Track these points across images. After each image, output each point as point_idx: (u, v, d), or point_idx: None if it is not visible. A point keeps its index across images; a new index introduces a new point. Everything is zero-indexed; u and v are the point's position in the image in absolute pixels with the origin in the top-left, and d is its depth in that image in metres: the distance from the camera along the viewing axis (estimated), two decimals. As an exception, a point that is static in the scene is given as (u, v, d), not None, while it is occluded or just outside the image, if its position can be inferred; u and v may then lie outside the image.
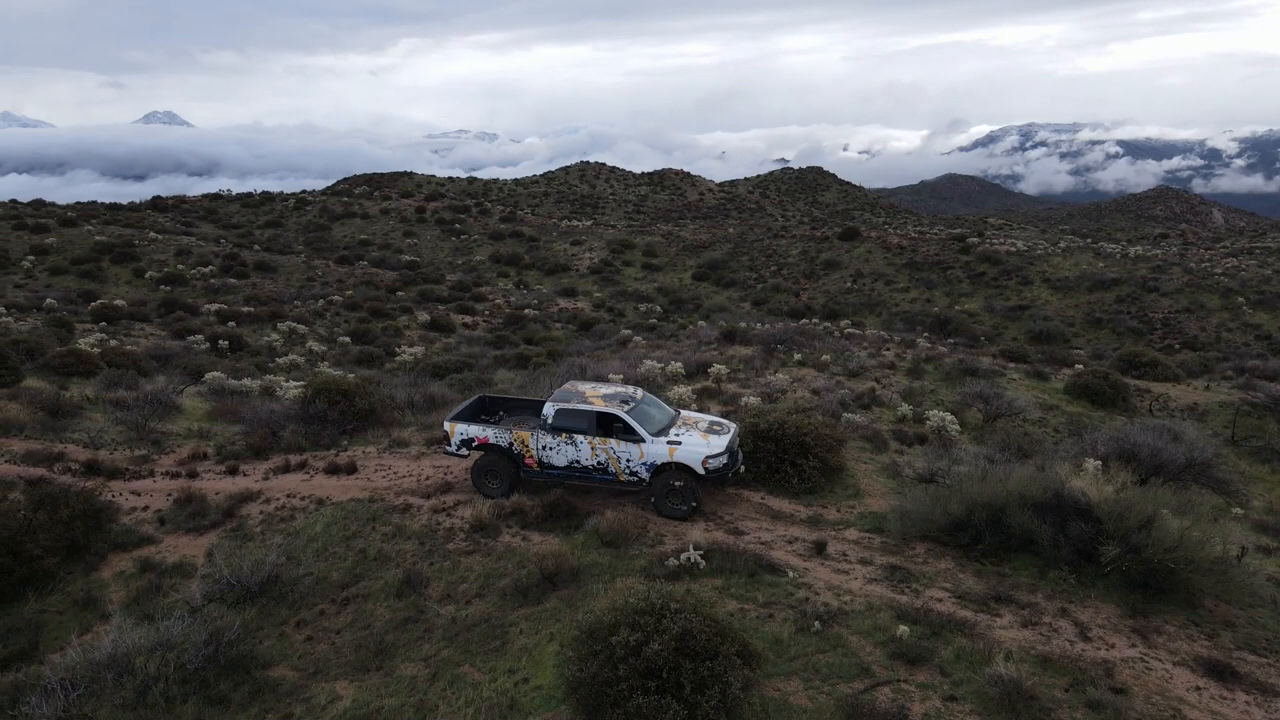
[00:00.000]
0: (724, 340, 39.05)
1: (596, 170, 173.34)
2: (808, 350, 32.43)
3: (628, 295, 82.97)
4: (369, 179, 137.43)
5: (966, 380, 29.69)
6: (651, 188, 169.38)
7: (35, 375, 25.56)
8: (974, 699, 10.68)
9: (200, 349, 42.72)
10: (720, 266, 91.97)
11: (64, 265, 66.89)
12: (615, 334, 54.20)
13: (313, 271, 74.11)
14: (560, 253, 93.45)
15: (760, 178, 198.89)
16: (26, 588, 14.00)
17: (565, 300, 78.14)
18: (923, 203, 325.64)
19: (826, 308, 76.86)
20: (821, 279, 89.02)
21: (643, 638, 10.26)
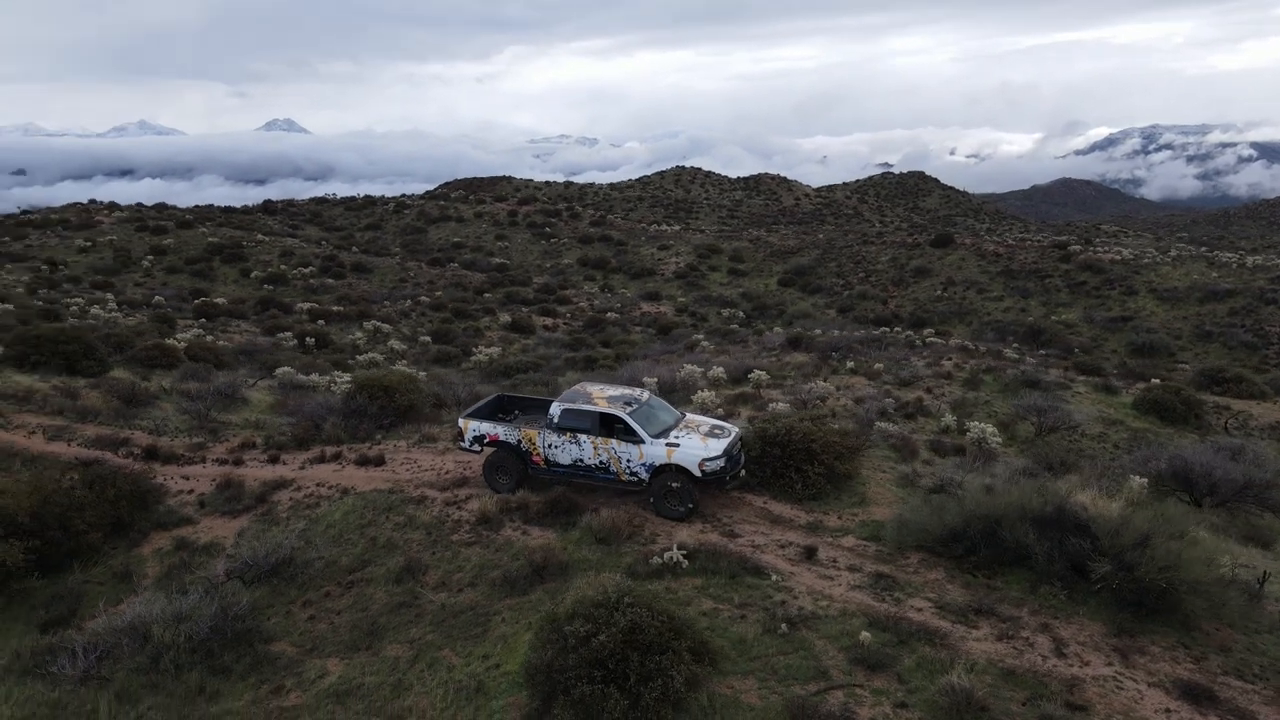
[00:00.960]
0: (788, 347, 38.99)
1: (691, 175, 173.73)
2: (862, 359, 32.13)
3: (712, 300, 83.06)
4: (467, 183, 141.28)
5: (1024, 393, 28.94)
6: (746, 192, 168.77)
7: (122, 366, 27.61)
8: (924, 707, 10.73)
9: (288, 345, 45.08)
10: (807, 272, 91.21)
11: (179, 265, 71.16)
12: (689, 338, 54.59)
13: (405, 273, 76.85)
14: (647, 257, 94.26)
15: (859, 183, 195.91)
16: (73, 560, 15.36)
17: (648, 304, 78.79)
18: (1033, 208, 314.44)
19: (914, 316, 75.39)
20: (911, 286, 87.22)
21: (593, 629, 10.70)
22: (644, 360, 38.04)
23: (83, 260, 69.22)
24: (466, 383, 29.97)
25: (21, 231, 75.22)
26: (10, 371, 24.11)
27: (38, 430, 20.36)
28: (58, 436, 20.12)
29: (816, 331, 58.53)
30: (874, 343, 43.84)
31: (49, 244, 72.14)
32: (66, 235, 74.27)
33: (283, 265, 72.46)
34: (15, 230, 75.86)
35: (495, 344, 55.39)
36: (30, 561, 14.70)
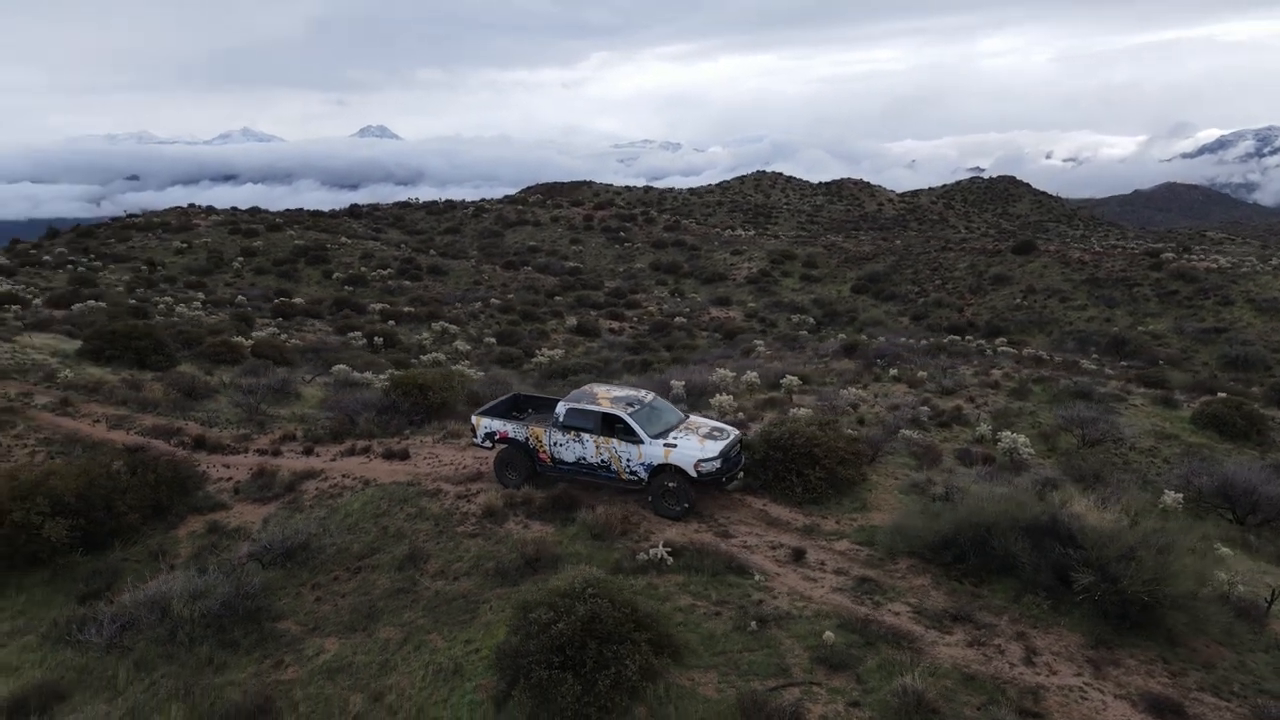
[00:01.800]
0: (843, 353, 38.82)
1: (772, 180, 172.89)
2: (907, 366, 31.85)
3: (782, 306, 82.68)
4: (547, 188, 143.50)
5: (1073, 404, 28.28)
6: (828, 198, 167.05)
7: (190, 362, 29.34)
8: (876, 706, 10.91)
9: (357, 344, 46.89)
10: (881, 279, 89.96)
11: (267, 266, 74.38)
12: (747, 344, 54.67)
13: (480, 275, 78.74)
14: (720, 262, 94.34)
15: (945, 187, 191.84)
16: (115, 538, 16.62)
17: (718, 309, 78.90)
18: (1134, 214, 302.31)
19: (990, 325, 73.70)
20: (989, 294, 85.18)
21: (555, 616, 11.22)
22: (698, 364, 38.37)
23: (179, 261, 72.98)
24: (524, 383, 30.78)
25: (125, 234, 79.68)
26: (87, 364, 25.95)
27: (101, 419, 21.93)
28: (118, 425, 21.64)
29: (880, 339, 57.90)
30: (937, 350, 43.23)
31: (149, 245, 76.28)
32: (166, 237, 78.38)
33: (363, 267, 75.07)
34: (120, 232, 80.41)
35: (559, 346, 56.47)
36: (75, 539, 15.99)
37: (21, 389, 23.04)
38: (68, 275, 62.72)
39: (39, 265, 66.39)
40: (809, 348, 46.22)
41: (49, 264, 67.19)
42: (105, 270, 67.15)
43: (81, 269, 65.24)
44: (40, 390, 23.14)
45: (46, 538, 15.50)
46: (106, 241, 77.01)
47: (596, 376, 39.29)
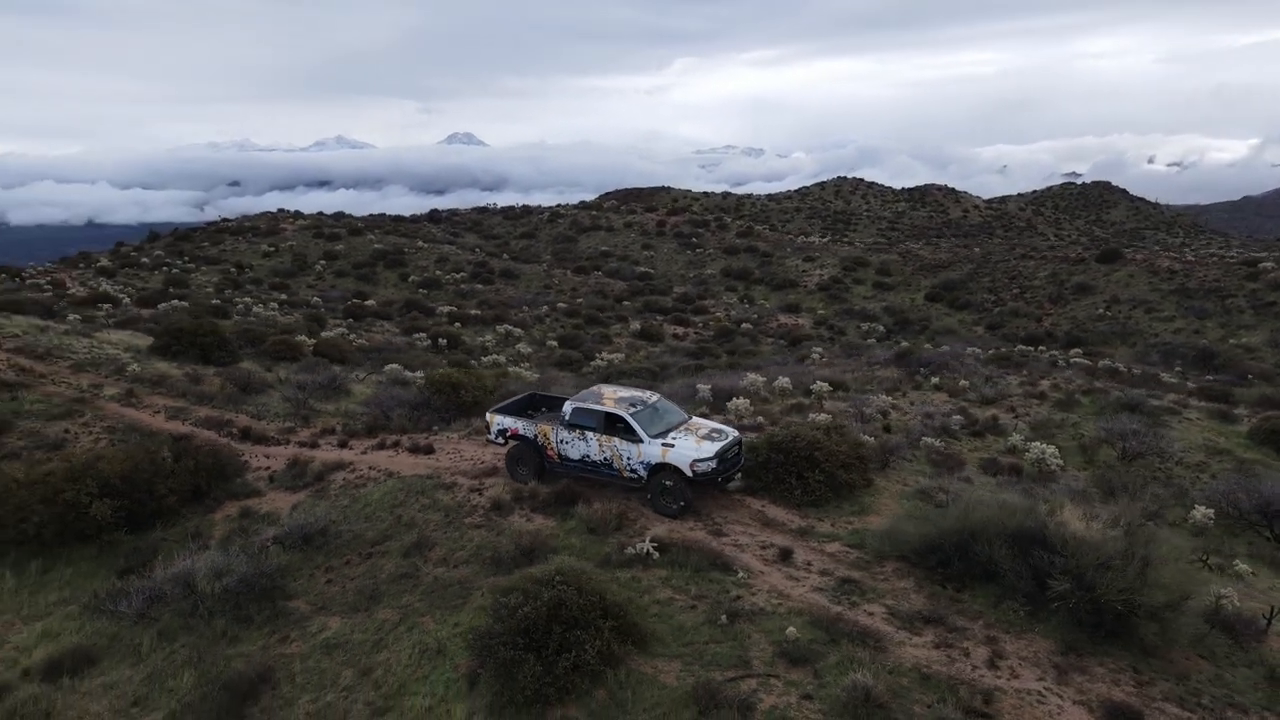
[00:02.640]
0: (893, 361, 38.55)
1: (853, 186, 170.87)
2: (950, 375, 31.53)
3: (853, 314, 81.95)
4: (626, 193, 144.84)
5: (1121, 417, 27.62)
6: (910, 204, 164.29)
7: (252, 359, 31.03)
8: (827, 700, 11.23)
9: (421, 345, 48.52)
10: (957, 287, 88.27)
11: (347, 269, 77.26)
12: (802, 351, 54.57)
13: (550, 280, 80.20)
14: (791, 269, 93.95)
15: (1035, 194, 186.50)
16: (156, 519, 17.94)
17: (786, 316, 78.68)
18: (1242, 221, 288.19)
19: (1069, 335, 71.68)
20: (1069, 304, 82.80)
21: (522, 601, 11.86)
22: (753, 370, 38.63)
23: (266, 264, 76.42)
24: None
25: (218, 238, 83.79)
26: (156, 359, 27.75)
27: (161, 410, 23.53)
28: (175, 416, 23.19)
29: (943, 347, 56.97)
30: (998, 360, 42.45)
31: (239, 249, 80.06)
32: (255, 241, 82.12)
33: (438, 270, 77.34)
34: (213, 236, 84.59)
35: (621, 350, 57.27)
36: (120, 518, 17.34)
37: (93, 381, 24.87)
38: (163, 276, 66.37)
39: (138, 267, 70.42)
40: (865, 355, 45.93)
41: (146, 266, 71.19)
42: (197, 272, 70.81)
43: (175, 271, 68.94)
44: (110, 382, 24.93)
45: (93, 516, 16.86)
46: (200, 245, 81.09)
47: (650, 380, 39.91)
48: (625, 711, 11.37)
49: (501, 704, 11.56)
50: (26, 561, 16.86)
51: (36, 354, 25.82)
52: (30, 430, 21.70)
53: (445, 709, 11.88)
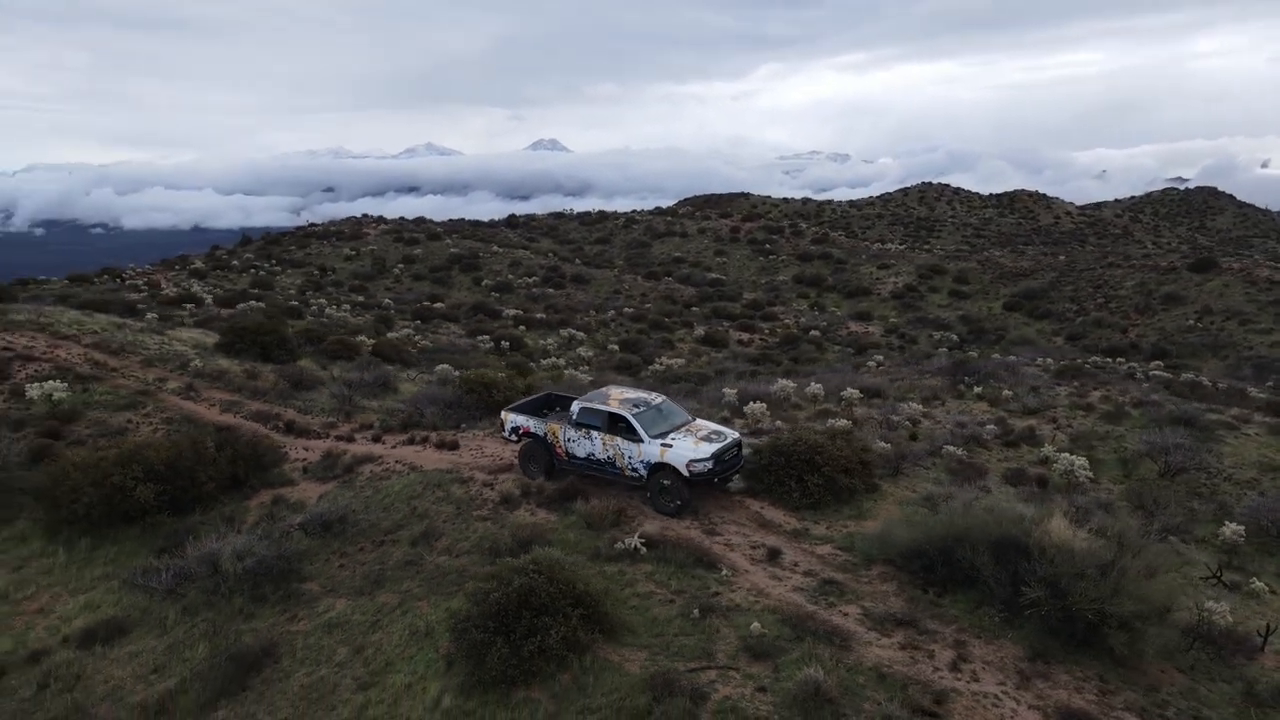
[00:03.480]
0: (950, 370, 38.07)
1: (938, 192, 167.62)
2: (994, 385, 31.06)
3: (926, 322, 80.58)
4: (705, 199, 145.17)
5: (1163, 430, 26.84)
6: (998, 210, 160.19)
7: (310, 357, 32.60)
8: (780, 694, 11.58)
9: (484, 347, 49.90)
10: (1037, 296, 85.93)
11: (424, 272, 79.63)
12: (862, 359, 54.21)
13: (620, 285, 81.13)
14: (865, 276, 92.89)
15: (1133, 199, 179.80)
16: (196, 504, 19.21)
17: (856, 324, 77.88)
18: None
19: (1155, 347, 69.14)
20: (1158, 314, 79.80)
21: (494, 587, 12.51)
22: (806, 377, 38.68)
23: (347, 267, 79.36)
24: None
25: (305, 242, 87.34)
26: (219, 356, 29.47)
27: (216, 403, 25.05)
28: (228, 409, 24.66)
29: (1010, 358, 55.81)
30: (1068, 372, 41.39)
31: (324, 252, 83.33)
32: (338, 245, 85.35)
33: (510, 275, 79.05)
34: (301, 240, 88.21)
35: (683, 356, 57.73)
36: (163, 502, 18.66)
37: (159, 375, 26.61)
38: (249, 278, 69.65)
39: (228, 269, 74.01)
40: (921, 364, 45.37)
41: (236, 268, 74.78)
42: (283, 274, 74.04)
43: (262, 273, 72.25)
44: (174, 376, 26.63)
45: (137, 499, 18.20)
46: (288, 249, 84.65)
47: (700, 384, 40.28)
48: (586, 695, 11.92)
49: (471, 684, 12.24)
50: (77, 539, 18.30)
51: (111, 349, 27.77)
52: (97, 419, 23.41)
53: (422, 687, 12.61)
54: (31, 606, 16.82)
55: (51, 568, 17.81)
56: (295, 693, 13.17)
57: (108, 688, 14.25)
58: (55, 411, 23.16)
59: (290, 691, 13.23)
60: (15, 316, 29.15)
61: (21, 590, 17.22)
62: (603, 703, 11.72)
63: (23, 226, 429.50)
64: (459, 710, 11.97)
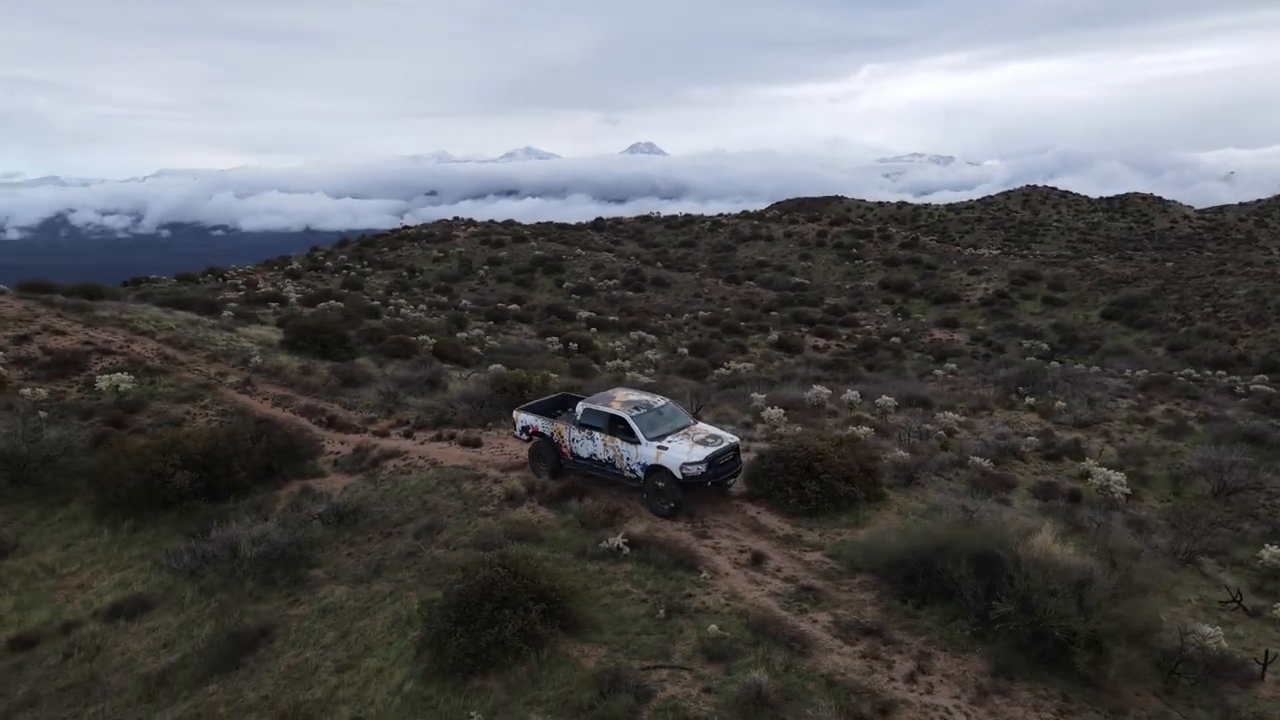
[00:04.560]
0: (1016, 380, 36.96)
1: (1043, 195, 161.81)
2: (1047, 396, 30.01)
3: (1016, 330, 77.92)
4: (797, 203, 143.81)
5: (1222, 447, 25.47)
6: (1108, 214, 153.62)
7: (369, 355, 33.92)
8: (725, 696, 11.73)
9: (553, 348, 50.82)
10: (1138, 305, 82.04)
11: (508, 274, 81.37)
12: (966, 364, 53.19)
13: (700, 288, 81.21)
14: (955, 281, 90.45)
15: (1260, 203, 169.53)
16: (230, 492, 20.35)
17: (941, 331, 75.96)
18: None
19: (1266, 360, 65.23)
20: (1272, 325, 75.26)
21: (459, 579, 12.96)
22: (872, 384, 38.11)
23: (435, 269, 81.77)
24: (702, 392, 31.79)
25: (398, 244, 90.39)
26: (281, 353, 31.00)
27: (269, 397, 26.39)
28: (279, 403, 25.96)
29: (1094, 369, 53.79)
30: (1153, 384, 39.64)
31: (414, 254, 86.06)
32: (428, 247, 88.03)
33: (591, 277, 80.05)
34: (394, 242, 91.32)
35: (754, 360, 57.47)
36: (199, 488, 19.84)
37: (221, 370, 28.20)
38: (341, 279, 72.55)
39: (322, 270, 77.25)
40: (993, 373, 44.02)
41: (330, 269, 77.99)
42: (373, 275, 76.82)
43: (352, 274, 75.13)
44: (234, 371, 28.17)
45: (175, 486, 19.42)
46: (381, 250, 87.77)
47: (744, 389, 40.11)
48: (538, 687, 12.26)
49: (433, 671, 12.74)
50: (121, 521, 19.62)
51: (181, 345, 29.55)
52: (158, 410, 24.99)
53: (390, 672, 13.18)
54: (73, 581, 18.17)
55: (96, 546, 19.17)
56: (280, 672, 13.91)
57: (123, 659, 15.32)
58: (121, 402, 24.83)
59: (276, 671, 13.98)
60: (100, 313, 31.32)
61: (67, 566, 18.61)
62: (551, 695, 12.04)
63: (151, 229, 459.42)
64: (418, 695, 12.47)
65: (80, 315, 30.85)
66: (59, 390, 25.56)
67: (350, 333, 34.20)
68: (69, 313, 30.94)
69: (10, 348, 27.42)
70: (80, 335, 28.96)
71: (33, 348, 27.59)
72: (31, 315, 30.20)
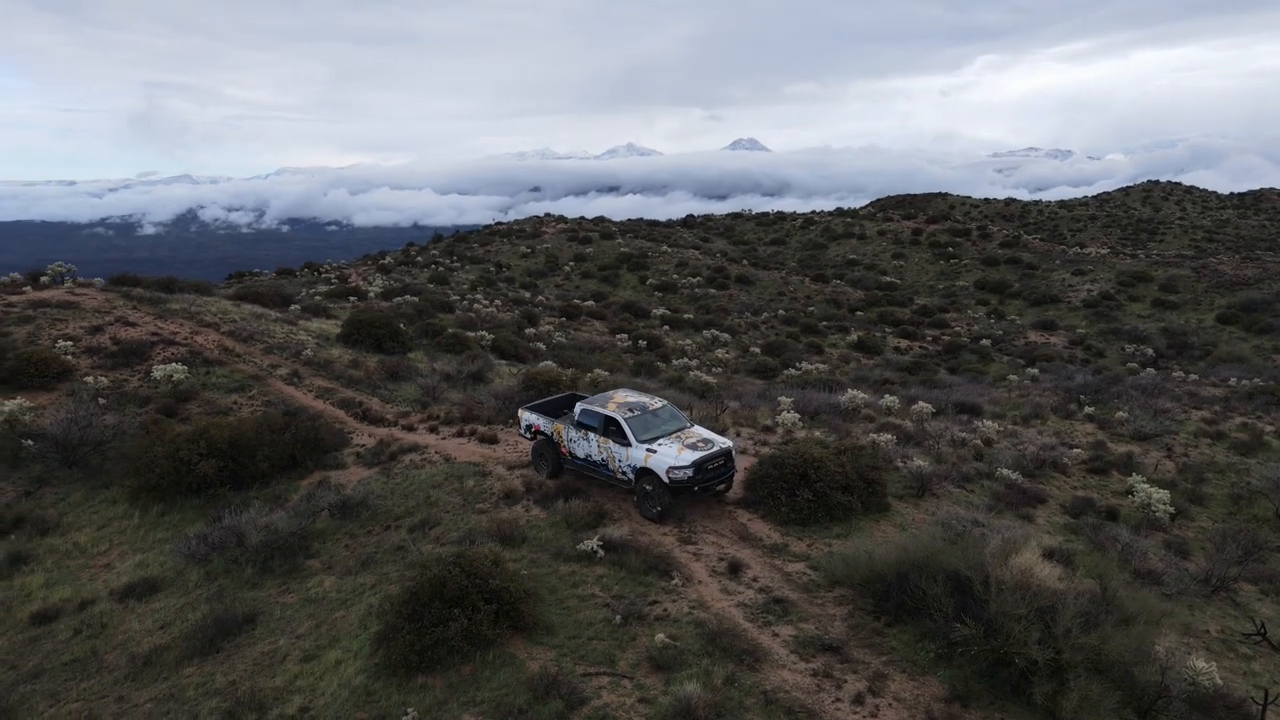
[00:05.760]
0: (1083, 388, 35.09)
1: (1166, 191, 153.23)
2: (1109, 406, 28.27)
3: (1120, 334, 74.02)
4: (899, 199, 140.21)
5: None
6: (1238, 211, 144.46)
7: (423, 350, 34.64)
8: (657, 707, 11.49)
9: (622, 345, 50.93)
10: (1259, 308, 76.71)
11: (593, 270, 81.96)
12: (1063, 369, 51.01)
13: (785, 287, 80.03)
14: (1056, 282, 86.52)
15: None
16: (254, 481, 21.09)
17: (1038, 333, 72.83)
18: None
19: (1397, 370, 60.20)
20: None
21: (415, 575, 13.07)
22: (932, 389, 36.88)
23: (522, 264, 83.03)
24: (768, 394, 31.40)
25: (489, 239, 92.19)
26: (337, 346, 31.98)
27: (314, 389, 27.26)
28: (321, 395, 26.78)
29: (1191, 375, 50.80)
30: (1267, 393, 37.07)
31: (503, 250, 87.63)
32: (517, 243, 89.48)
33: (675, 274, 79.87)
34: (485, 238, 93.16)
35: (829, 362, 56.23)
36: (224, 477, 20.65)
37: (273, 362, 29.28)
38: (428, 274, 74.44)
39: (411, 265, 79.44)
40: (1073, 379, 41.82)
41: (420, 264, 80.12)
42: (461, 270, 78.53)
43: (440, 269, 76.99)
44: (286, 363, 29.19)
45: (199, 473, 20.26)
46: (472, 246, 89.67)
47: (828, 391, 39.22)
48: (477, 688, 12.25)
49: (382, 667, 12.88)
50: (151, 505, 20.58)
51: (241, 337, 30.83)
52: (209, 400, 26.12)
53: (347, 664, 13.39)
54: (101, 561, 19.15)
55: (126, 528, 20.16)
56: (252, 658, 14.34)
57: (123, 638, 16.05)
58: (174, 391, 26.05)
59: (250, 657, 14.41)
60: (172, 306, 32.95)
61: (98, 546, 19.62)
62: (488, 697, 12.01)
63: (272, 224, 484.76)
64: (363, 689, 12.64)
65: (154, 308, 32.51)
66: (121, 379, 26.99)
67: (406, 327, 34.99)
68: (144, 305, 32.64)
69: (84, 337, 29.11)
70: (150, 327, 30.53)
71: (104, 338, 29.23)
72: (110, 307, 32.02)
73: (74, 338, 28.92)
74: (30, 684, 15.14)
